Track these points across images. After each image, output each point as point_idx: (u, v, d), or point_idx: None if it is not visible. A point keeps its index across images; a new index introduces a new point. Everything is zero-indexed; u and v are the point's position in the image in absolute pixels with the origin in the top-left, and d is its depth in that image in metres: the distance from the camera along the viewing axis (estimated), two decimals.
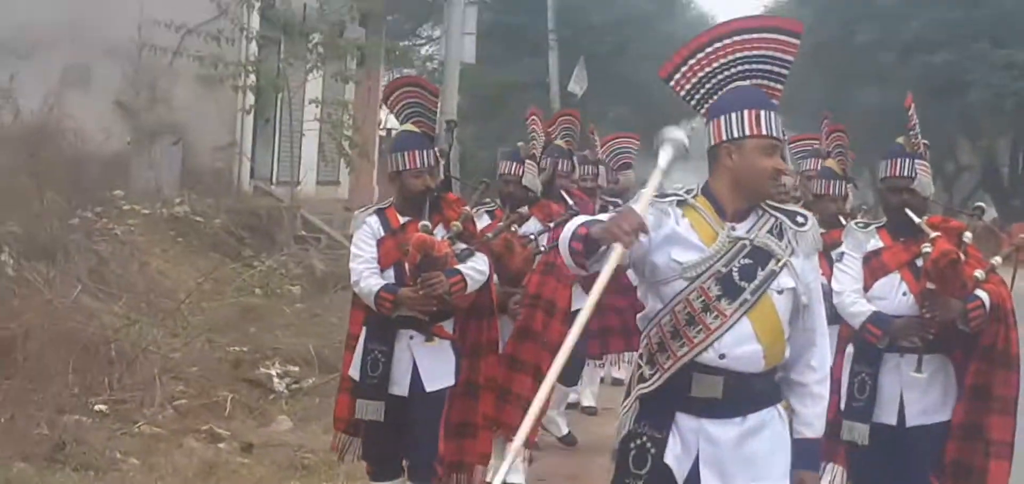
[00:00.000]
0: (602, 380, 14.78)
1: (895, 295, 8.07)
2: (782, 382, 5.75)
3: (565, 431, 12.78)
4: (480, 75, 33.78)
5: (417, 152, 8.38)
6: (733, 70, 5.72)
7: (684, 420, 5.59)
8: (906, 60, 46.98)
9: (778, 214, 5.69)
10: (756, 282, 5.53)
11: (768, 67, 5.74)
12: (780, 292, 5.57)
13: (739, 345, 5.53)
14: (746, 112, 5.61)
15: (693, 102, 5.79)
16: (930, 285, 7.86)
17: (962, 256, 7.88)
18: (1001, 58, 46.62)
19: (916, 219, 8.06)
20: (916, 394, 8.04)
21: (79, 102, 20.63)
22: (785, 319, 5.60)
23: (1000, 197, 52.00)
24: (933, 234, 7.97)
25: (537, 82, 45.08)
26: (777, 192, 5.71)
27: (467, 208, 8.66)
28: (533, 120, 11.18)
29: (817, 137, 10.96)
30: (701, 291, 5.52)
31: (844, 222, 8.97)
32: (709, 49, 5.74)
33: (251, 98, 22.44)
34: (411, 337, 8.35)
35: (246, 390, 12.50)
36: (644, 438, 5.63)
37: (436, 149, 8.61)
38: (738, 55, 5.72)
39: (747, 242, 5.57)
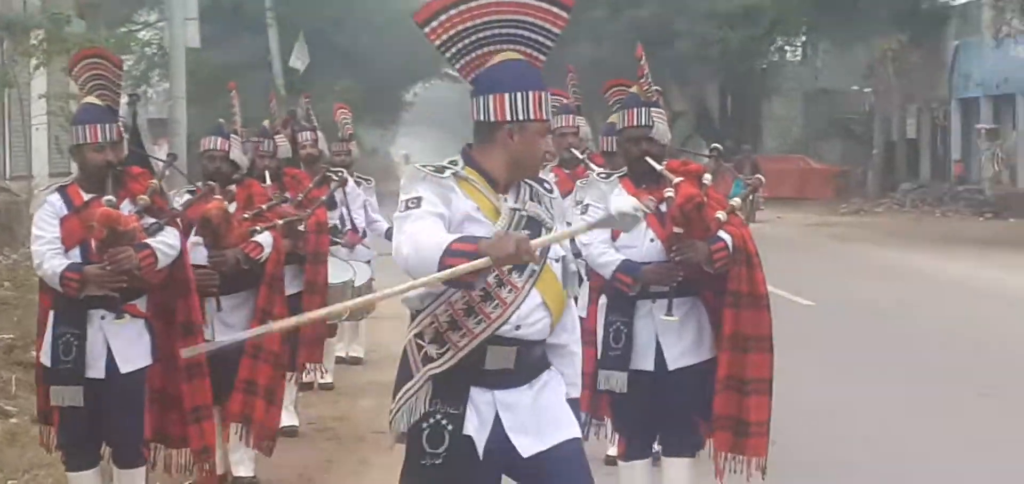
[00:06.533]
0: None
1: (643, 242, 8.10)
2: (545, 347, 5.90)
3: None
4: (202, 58, 33.54)
5: (98, 126, 7.98)
6: (496, 32, 5.67)
7: (477, 394, 5.69)
8: (616, 15, 48.55)
9: (530, 182, 5.80)
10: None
11: (537, 37, 5.70)
12: (557, 260, 5.76)
13: (532, 314, 5.67)
14: (531, 95, 5.65)
15: (448, 54, 5.73)
16: (677, 229, 7.93)
17: (705, 199, 8.00)
18: (704, 8, 48.68)
19: (656, 166, 8.13)
20: (672, 338, 8.14)
21: None
22: (561, 284, 5.77)
23: (712, 139, 53.52)
24: (676, 179, 8.07)
25: (259, 60, 44.97)
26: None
27: (154, 181, 8.27)
28: (233, 94, 11.01)
29: (561, 93, 10.90)
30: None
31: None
32: (472, 4, 5.64)
33: None
34: (102, 317, 7.94)
35: (22, 371, 12.42)
36: (439, 416, 5.66)
37: (119, 123, 8.23)
38: (503, 17, 5.66)
39: (523, 214, 5.69)
